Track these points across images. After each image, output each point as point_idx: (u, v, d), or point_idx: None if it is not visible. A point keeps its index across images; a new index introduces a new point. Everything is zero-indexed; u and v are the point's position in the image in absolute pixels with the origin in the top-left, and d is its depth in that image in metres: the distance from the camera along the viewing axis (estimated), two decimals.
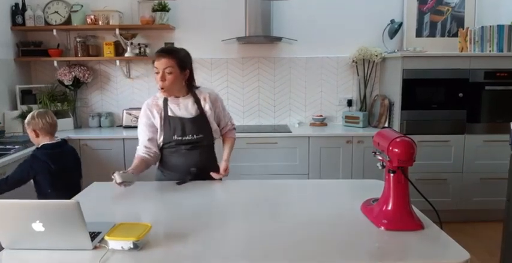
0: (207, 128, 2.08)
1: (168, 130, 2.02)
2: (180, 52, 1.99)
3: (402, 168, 1.43)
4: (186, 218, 1.55)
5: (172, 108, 2.03)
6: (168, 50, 1.99)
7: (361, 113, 3.60)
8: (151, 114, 2.03)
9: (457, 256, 1.23)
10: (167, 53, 1.93)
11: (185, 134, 2.02)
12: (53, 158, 2.21)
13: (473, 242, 3.02)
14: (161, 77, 1.91)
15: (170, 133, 2.02)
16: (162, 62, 1.91)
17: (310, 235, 1.39)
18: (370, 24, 3.71)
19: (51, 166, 2.19)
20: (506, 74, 3.25)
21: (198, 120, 2.04)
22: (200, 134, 2.05)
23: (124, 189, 1.80)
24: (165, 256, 1.25)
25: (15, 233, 1.27)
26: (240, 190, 1.98)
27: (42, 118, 2.26)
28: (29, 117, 2.27)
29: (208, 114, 2.07)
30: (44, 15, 3.57)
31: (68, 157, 2.35)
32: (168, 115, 2.02)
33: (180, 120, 2.01)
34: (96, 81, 3.80)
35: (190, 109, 2.04)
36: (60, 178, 2.22)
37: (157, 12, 3.50)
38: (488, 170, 3.34)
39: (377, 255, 1.29)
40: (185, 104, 2.04)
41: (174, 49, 2.03)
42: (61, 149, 2.31)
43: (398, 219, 1.43)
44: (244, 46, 3.77)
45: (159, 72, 1.91)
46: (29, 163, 2.20)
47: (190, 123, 2.02)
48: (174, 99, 2.04)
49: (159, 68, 1.91)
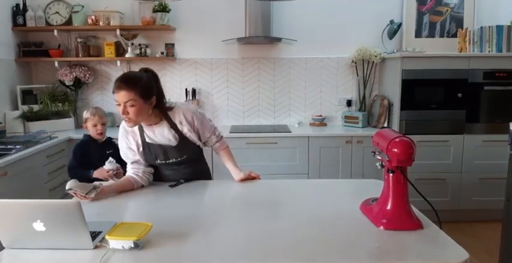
0: (191, 148, 1.98)
1: (148, 156, 1.93)
2: (141, 80, 1.76)
3: (401, 168, 1.44)
4: (187, 218, 1.56)
5: (149, 134, 1.91)
6: (127, 81, 1.73)
7: (361, 113, 3.61)
8: (128, 141, 1.93)
9: (456, 255, 1.24)
10: (126, 85, 1.71)
11: (168, 158, 1.93)
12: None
13: (472, 242, 3.02)
14: (123, 111, 1.74)
15: (151, 157, 1.93)
16: (122, 94, 1.71)
17: (310, 234, 1.40)
18: (370, 25, 3.72)
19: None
20: (505, 74, 3.26)
21: (181, 146, 1.93)
22: (184, 155, 1.96)
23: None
24: (165, 256, 1.25)
25: (16, 232, 1.27)
26: (239, 189, 1.98)
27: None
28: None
29: (188, 135, 1.94)
30: (45, 15, 3.57)
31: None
32: (146, 142, 1.91)
33: (160, 147, 1.90)
34: (97, 81, 3.81)
35: (167, 135, 1.90)
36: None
37: (157, 13, 3.51)
38: (487, 170, 3.34)
39: (376, 255, 1.29)
40: (160, 132, 1.90)
41: (134, 78, 1.77)
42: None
43: (397, 219, 1.43)
44: (244, 46, 3.78)
45: (120, 104, 1.73)
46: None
47: (172, 150, 1.92)
48: (148, 127, 1.90)
49: (119, 101, 1.72)
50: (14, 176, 2.53)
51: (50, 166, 2.99)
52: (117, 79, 1.75)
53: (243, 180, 2.03)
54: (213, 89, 3.80)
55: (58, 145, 3.12)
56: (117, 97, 1.72)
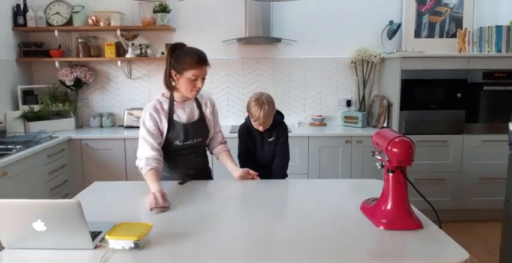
0: (206, 133, 2.10)
1: (171, 136, 1.99)
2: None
3: (401, 168, 1.44)
4: (187, 218, 1.56)
5: (178, 112, 2.01)
6: (206, 57, 1.95)
7: (360, 113, 3.61)
8: (159, 118, 1.96)
9: (456, 255, 1.24)
10: (206, 61, 1.93)
11: (187, 139, 2.01)
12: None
13: (472, 242, 3.03)
14: (196, 84, 1.92)
15: (173, 138, 1.99)
16: (204, 69, 1.92)
17: (310, 234, 1.40)
18: (369, 25, 3.72)
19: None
20: (504, 75, 3.26)
21: (199, 124, 2.05)
22: (199, 138, 2.06)
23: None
24: (165, 256, 1.26)
25: (16, 232, 1.27)
26: (239, 189, 1.99)
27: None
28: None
29: (208, 119, 2.09)
30: (46, 16, 3.58)
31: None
32: (173, 120, 1.99)
33: (183, 126, 2.00)
34: (97, 81, 3.81)
35: (194, 113, 2.05)
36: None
37: (158, 14, 3.52)
38: (486, 170, 3.35)
39: (376, 254, 1.29)
40: (190, 108, 2.04)
41: (206, 55, 1.99)
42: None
43: (397, 219, 1.44)
44: (244, 47, 3.78)
45: (197, 78, 1.90)
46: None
47: (192, 128, 2.02)
48: (180, 104, 2.02)
49: (199, 75, 1.90)
50: (14, 176, 2.53)
51: (50, 166, 3.00)
52: (196, 55, 1.90)
53: (241, 177, 2.05)
54: (213, 89, 3.81)
55: (58, 145, 3.12)
56: (197, 71, 1.89)
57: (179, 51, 1.92)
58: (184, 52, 1.91)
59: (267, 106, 2.16)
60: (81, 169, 3.33)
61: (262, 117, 2.16)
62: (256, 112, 2.16)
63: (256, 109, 2.16)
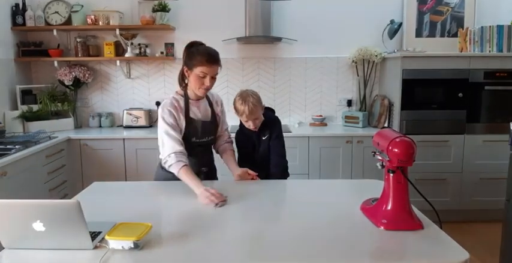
0: (216, 131, 2.17)
1: (188, 133, 2.01)
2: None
3: (402, 168, 1.43)
4: (186, 218, 1.56)
5: (193, 110, 2.04)
6: (217, 57, 1.96)
7: (361, 113, 3.61)
8: (177, 115, 1.99)
9: (456, 255, 1.23)
10: (218, 60, 1.95)
11: (203, 136, 2.06)
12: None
13: (473, 242, 3.02)
14: (205, 82, 1.94)
15: (190, 135, 2.02)
16: (215, 68, 1.94)
17: (310, 234, 1.40)
18: (370, 25, 3.72)
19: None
20: (505, 74, 3.25)
21: (213, 123, 2.11)
22: (212, 135, 2.13)
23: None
24: (165, 256, 1.25)
25: (16, 232, 1.27)
26: (239, 189, 1.98)
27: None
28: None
29: (219, 117, 2.16)
30: (44, 15, 3.57)
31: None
32: (190, 117, 2.02)
33: (200, 122, 2.04)
34: (96, 81, 3.80)
35: (207, 111, 2.10)
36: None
37: (157, 13, 3.51)
38: (487, 170, 3.34)
39: (377, 255, 1.29)
40: (204, 106, 2.09)
41: (218, 55, 1.99)
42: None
43: (398, 219, 1.43)
44: (244, 46, 3.77)
45: (206, 76, 1.93)
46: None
47: (207, 126, 2.07)
48: (194, 102, 2.05)
49: (209, 74, 1.92)
50: (13, 176, 2.53)
51: (49, 166, 2.99)
52: (207, 53, 1.92)
53: (240, 176, 2.05)
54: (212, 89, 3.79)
55: (57, 145, 3.11)
56: (208, 70, 1.91)
57: (194, 49, 1.96)
58: (198, 50, 1.95)
59: (251, 98, 2.13)
60: (80, 169, 3.32)
61: (247, 110, 2.11)
62: (241, 106, 2.13)
63: (241, 103, 2.14)
